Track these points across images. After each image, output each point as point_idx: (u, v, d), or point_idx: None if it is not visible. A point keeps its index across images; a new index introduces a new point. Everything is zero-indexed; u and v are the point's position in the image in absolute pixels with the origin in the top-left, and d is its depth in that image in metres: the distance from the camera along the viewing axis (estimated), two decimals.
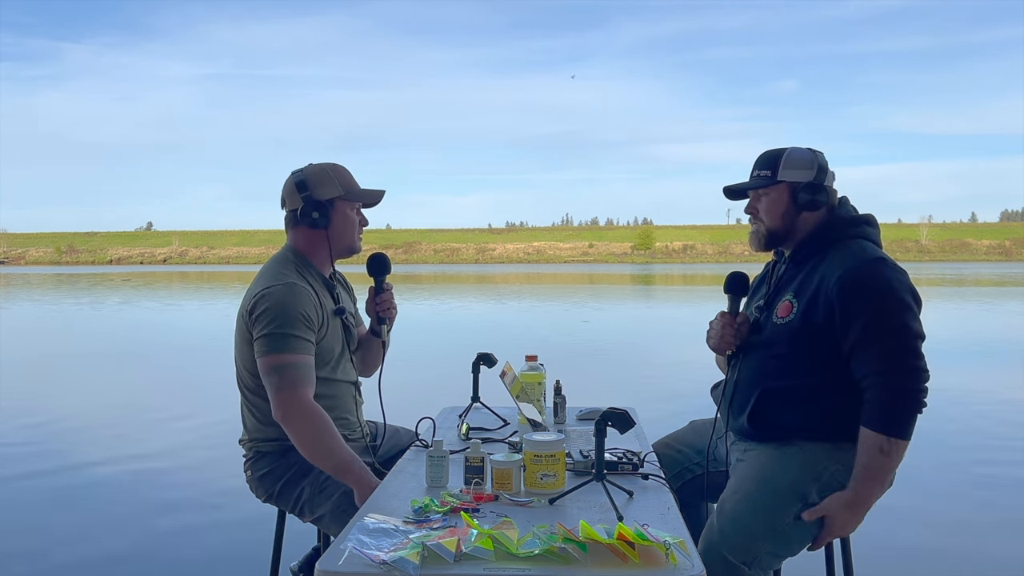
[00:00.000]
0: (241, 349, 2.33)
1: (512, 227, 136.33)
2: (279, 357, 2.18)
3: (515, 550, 1.49)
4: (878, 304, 2.02)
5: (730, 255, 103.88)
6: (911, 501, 4.09)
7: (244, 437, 2.42)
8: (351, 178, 2.43)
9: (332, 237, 2.39)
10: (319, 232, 2.38)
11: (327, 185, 2.37)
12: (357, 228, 2.45)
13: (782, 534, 2.01)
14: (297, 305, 2.23)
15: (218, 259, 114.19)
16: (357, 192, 2.43)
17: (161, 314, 19.19)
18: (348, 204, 2.41)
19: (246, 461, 2.41)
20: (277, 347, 2.19)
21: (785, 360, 2.16)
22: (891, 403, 1.98)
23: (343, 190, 2.38)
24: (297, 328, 2.21)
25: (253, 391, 2.33)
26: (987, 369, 9.56)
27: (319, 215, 2.34)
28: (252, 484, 2.40)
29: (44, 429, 6.34)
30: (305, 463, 2.26)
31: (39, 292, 30.29)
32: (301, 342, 2.22)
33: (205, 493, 4.53)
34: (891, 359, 1.99)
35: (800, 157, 2.21)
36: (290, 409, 2.17)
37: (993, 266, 70.33)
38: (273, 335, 2.19)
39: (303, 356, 2.22)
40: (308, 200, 2.35)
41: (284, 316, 2.21)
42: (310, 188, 2.35)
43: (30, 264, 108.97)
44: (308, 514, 2.30)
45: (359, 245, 2.47)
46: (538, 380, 2.65)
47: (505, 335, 13.27)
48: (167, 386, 8.55)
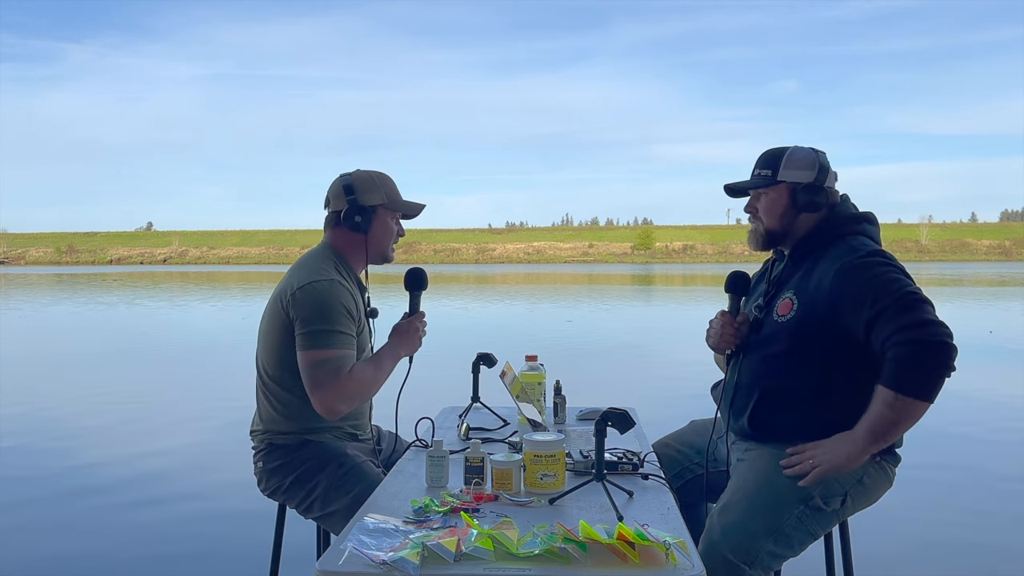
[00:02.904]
0: (271, 339, 2.34)
1: (512, 227, 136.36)
2: (323, 352, 2.21)
3: (515, 550, 1.49)
4: (882, 281, 2.00)
5: (730, 255, 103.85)
6: (911, 501, 4.09)
7: (257, 428, 2.42)
8: (395, 188, 2.48)
9: (370, 242, 2.44)
10: (358, 236, 2.42)
11: (372, 192, 2.41)
12: (393, 237, 2.50)
13: (783, 534, 2.00)
14: (340, 300, 2.27)
15: (218, 259, 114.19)
16: (399, 203, 2.48)
17: (158, 313, 19.19)
18: (389, 213, 2.46)
19: (256, 453, 2.41)
20: (322, 342, 2.22)
21: (785, 359, 2.15)
22: (908, 360, 1.92)
23: (387, 199, 2.44)
24: (342, 323, 2.26)
25: (276, 381, 2.34)
26: (988, 368, 9.55)
27: (361, 219, 2.39)
28: (261, 476, 2.39)
29: (44, 427, 6.34)
30: (321, 458, 2.29)
31: (36, 292, 30.29)
32: (345, 337, 2.26)
33: (205, 488, 4.53)
34: (908, 317, 1.94)
35: (802, 157, 2.21)
36: (334, 403, 2.22)
37: (993, 266, 70.30)
38: (318, 331, 2.22)
39: (346, 351, 2.25)
40: (353, 204, 2.39)
41: (329, 311, 2.24)
42: (356, 192, 2.40)
43: (30, 264, 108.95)
44: (318, 509, 2.30)
45: (392, 255, 2.52)
46: (538, 380, 2.65)
47: (505, 335, 13.27)
48: (167, 386, 8.55)
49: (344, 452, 2.34)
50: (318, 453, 2.30)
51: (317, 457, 2.30)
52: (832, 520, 2.09)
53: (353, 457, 2.33)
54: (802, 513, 2.02)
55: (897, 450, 2.15)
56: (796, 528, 2.01)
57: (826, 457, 2.01)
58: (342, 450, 2.34)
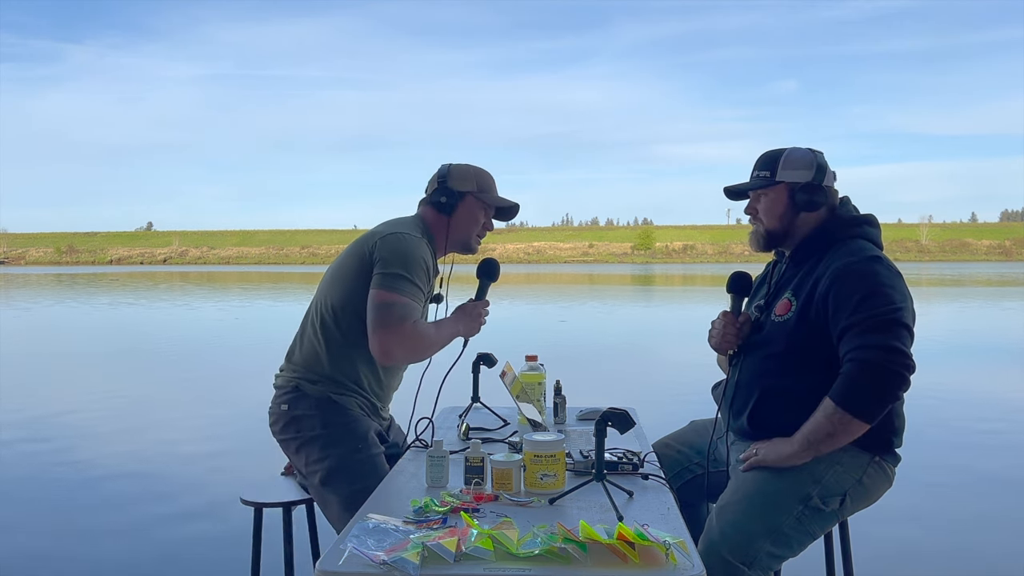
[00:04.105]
0: (344, 276, 2.37)
1: (512, 227, 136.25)
2: (397, 296, 2.24)
3: (515, 550, 1.49)
4: (868, 292, 2.02)
5: (730, 255, 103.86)
6: (911, 501, 4.09)
7: (287, 368, 2.43)
8: (491, 182, 2.52)
9: (453, 226, 2.48)
10: (442, 217, 2.47)
11: (465, 180, 2.47)
12: (479, 229, 2.53)
13: (781, 535, 2.00)
14: (424, 256, 2.34)
15: (218, 259, 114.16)
16: (490, 195, 2.52)
17: (156, 313, 19.20)
18: (478, 204, 2.49)
19: (281, 393, 2.40)
20: (398, 286, 2.25)
21: (783, 359, 2.15)
22: (859, 379, 1.97)
23: (477, 188, 2.48)
24: (419, 277, 2.31)
25: (336, 319, 2.36)
26: (988, 368, 9.56)
27: (446, 200, 2.44)
28: (280, 418, 2.39)
29: (43, 425, 6.34)
30: (344, 430, 2.32)
31: (33, 293, 30.28)
32: (419, 290, 2.30)
33: (206, 488, 4.53)
34: (874, 338, 1.97)
35: (799, 158, 2.21)
36: (393, 346, 2.24)
37: (993, 266, 70.30)
38: (397, 275, 2.26)
39: (416, 302, 2.29)
40: (443, 185, 2.46)
41: (412, 262, 2.29)
42: (449, 178, 2.46)
43: (30, 264, 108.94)
44: (317, 481, 2.30)
45: (475, 246, 2.55)
46: (538, 380, 2.65)
47: (505, 335, 13.27)
48: (166, 386, 8.56)
49: (366, 435, 2.34)
50: (344, 423, 2.32)
51: (342, 428, 2.31)
52: (831, 520, 2.09)
53: (371, 445, 2.33)
54: (801, 513, 2.02)
55: (897, 450, 2.16)
56: (795, 528, 2.02)
57: (765, 453, 2.10)
58: (364, 431, 2.35)
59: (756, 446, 2.14)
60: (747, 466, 2.12)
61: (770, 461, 2.08)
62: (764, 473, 2.08)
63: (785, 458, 2.06)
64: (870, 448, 2.08)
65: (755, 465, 2.10)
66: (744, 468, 2.12)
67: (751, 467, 2.11)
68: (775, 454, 2.08)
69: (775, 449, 2.08)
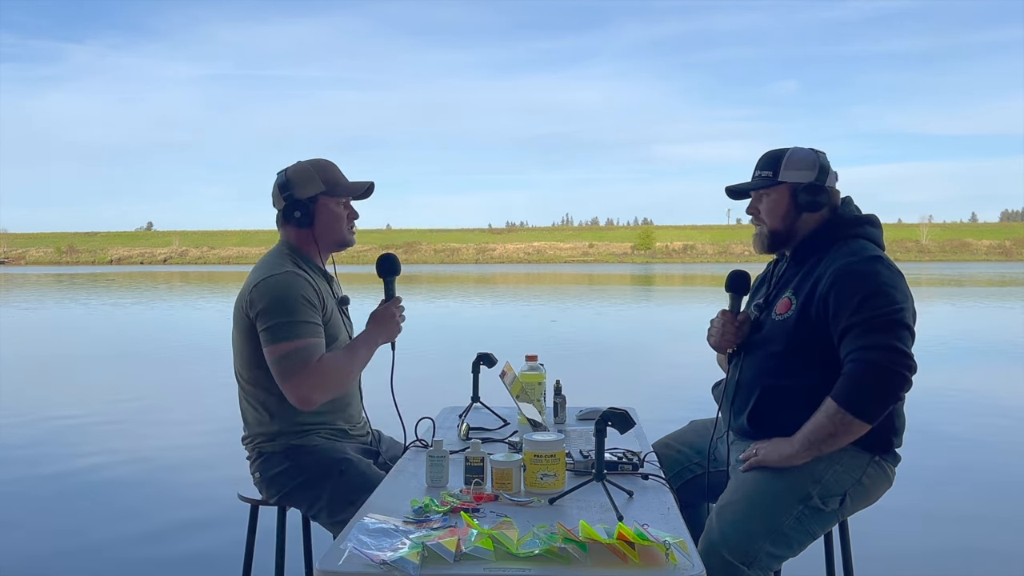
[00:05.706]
0: (239, 341, 2.33)
1: (512, 227, 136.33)
2: (288, 344, 2.19)
3: (515, 550, 1.49)
4: (870, 292, 2.02)
5: (730, 255, 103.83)
6: (911, 501, 4.09)
7: (245, 434, 2.40)
8: (335, 173, 2.42)
9: (318, 235, 2.41)
10: (305, 231, 2.40)
11: (309, 183, 2.37)
12: (345, 222, 2.45)
13: (781, 535, 2.00)
14: (298, 290, 2.24)
15: (218, 259, 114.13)
16: (341, 187, 2.42)
17: (156, 313, 19.19)
18: (333, 200, 2.41)
19: (251, 462, 2.39)
20: (285, 334, 2.19)
21: (783, 358, 2.16)
22: (861, 379, 1.97)
23: (325, 186, 2.38)
24: (301, 313, 2.22)
25: (252, 383, 2.33)
26: (988, 368, 9.55)
27: (301, 214, 2.36)
28: (261, 486, 2.37)
29: (43, 427, 6.34)
30: (322, 463, 2.27)
31: (30, 292, 30.28)
32: (307, 326, 2.22)
33: (206, 488, 4.52)
34: (876, 338, 1.97)
35: (802, 158, 2.21)
36: (307, 391, 2.19)
37: (993, 266, 70.29)
38: (280, 324, 2.20)
39: (312, 339, 2.22)
40: (290, 200, 2.37)
41: (287, 303, 2.22)
42: (292, 188, 2.36)
43: (30, 264, 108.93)
44: (326, 518, 2.27)
45: (351, 238, 2.47)
46: (538, 380, 2.65)
47: (505, 335, 13.27)
48: (166, 386, 8.55)
49: (345, 456, 2.31)
50: (318, 458, 2.27)
51: (318, 463, 2.27)
52: (831, 520, 2.09)
53: (356, 463, 2.29)
54: (801, 513, 2.02)
55: (897, 450, 2.16)
56: (795, 528, 2.02)
57: (765, 453, 2.09)
58: (340, 455, 2.31)
59: (756, 446, 2.14)
60: (747, 466, 2.12)
61: (770, 461, 2.08)
62: (764, 473, 2.08)
63: (785, 458, 2.06)
64: (870, 448, 2.08)
65: (755, 465, 2.10)
66: (744, 468, 2.12)
67: (751, 467, 2.11)
68: (775, 454, 2.08)
69: (775, 449, 2.08)
